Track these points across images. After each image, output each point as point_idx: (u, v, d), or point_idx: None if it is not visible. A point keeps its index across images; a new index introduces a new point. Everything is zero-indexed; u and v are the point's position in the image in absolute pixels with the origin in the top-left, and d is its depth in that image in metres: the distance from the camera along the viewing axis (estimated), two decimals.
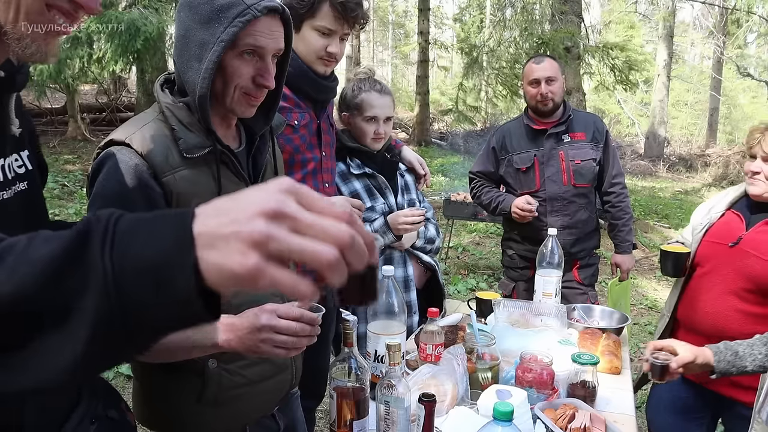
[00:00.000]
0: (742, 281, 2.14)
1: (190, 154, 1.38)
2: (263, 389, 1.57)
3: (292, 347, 1.30)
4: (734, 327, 2.15)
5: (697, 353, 1.79)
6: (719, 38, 19.58)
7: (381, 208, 2.44)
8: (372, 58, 34.15)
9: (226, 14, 1.32)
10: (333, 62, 2.16)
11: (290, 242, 0.56)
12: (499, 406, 1.12)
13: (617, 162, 3.23)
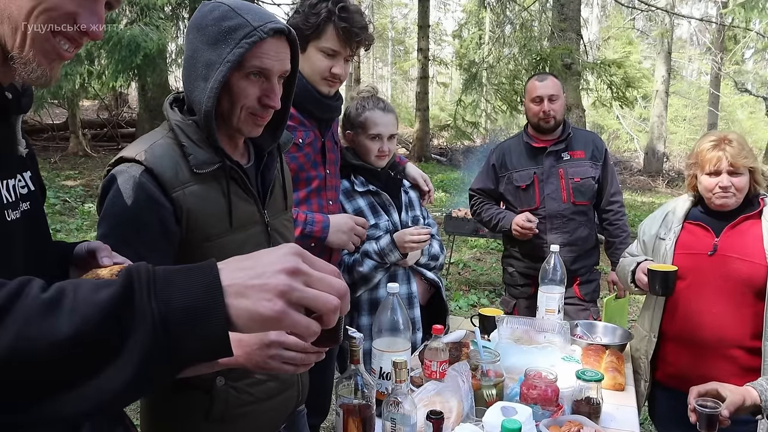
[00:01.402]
0: (732, 285, 2.21)
1: (199, 170, 1.40)
2: (270, 407, 1.58)
3: (300, 363, 1.30)
4: (734, 330, 2.22)
5: (744, 394, 1.76)
6: (717, 54, 19.71)
7: (385, 225, 2.46)
8: (372, 75, 34.35)
9: (233, 36, 1.35)
10: (337, 83, 2.20)
11: (307, 293, 0.71)
12: (507, 423, 1.13)
13: (615, 180, 3.26)
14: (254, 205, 1.53)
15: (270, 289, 0.70)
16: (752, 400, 1.76)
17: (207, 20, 1.39)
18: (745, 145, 2.28)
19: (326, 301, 0.72)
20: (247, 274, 0.71)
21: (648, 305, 2.51)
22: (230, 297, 0.69)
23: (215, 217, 1.43)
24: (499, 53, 9.31)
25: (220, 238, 1.43)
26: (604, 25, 25.64)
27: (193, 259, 1.36)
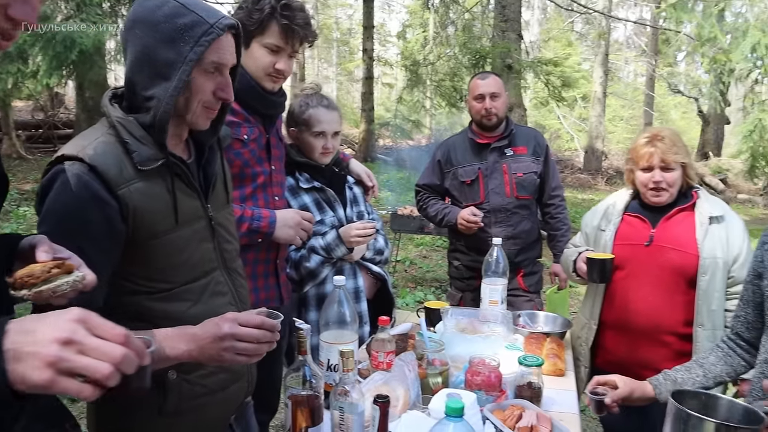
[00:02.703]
0: (667, 274, 2.31)
1: (144, 166, 1.38)
2: (222, 398, 1.58)
3: (253, 354, 1.34)
4: (668, 317, 2.32)
5: (634, 387, 1.85)
6: (651, 56, 20.44)
7: (331, 221, 2.48)
8: (317, 75, 34.19)
9: (190, 33, 1.36)
10: (281, 79, 2.20)
11: (76, 362, 0.76)
12: (450, 403, 1.17)
13: (556, 175, 3.37)
14: (198, 200, 1.52)
15: (41, 358, 0.75)
16: (643, 393, 1.84)
17: (157, 17, 1.38)
18: (677, 142, 2.37)
19: (96, 369, 0.77)
20: (26, 340, 0.76)
21: (589, 294, 2.60)
22: (9, 361, 0.75)
23: (161, 213, 1.42)
24: (439, 52, 9.44)
25: (166, 234, 1.43)
26: (545, 27, 26.25)
27: (140, 257, 1.39)
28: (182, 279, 1.46)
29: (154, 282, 1.42)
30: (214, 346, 1.31)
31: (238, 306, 1.59)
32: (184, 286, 1.46)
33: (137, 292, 1.41)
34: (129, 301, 1.40)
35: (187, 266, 1.47)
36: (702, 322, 2.26)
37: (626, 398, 1.84)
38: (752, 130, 7.35)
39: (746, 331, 1.81)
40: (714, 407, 1.32)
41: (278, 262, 2.31)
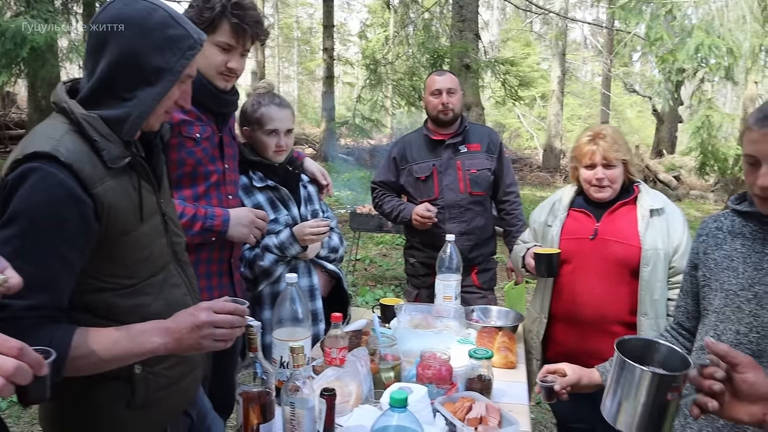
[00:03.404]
0: (611, 266, 2.38)
1: (114, 164, 1.39)
2: (183, 387, 1.63)
3: (229, 338, 1.43)
4: (614, 308, 2.38)
5: (581, 374, 1.90)
6: (607, 57, 20.86)
7: (285, 219, 2.48)
8: (277, 74, 33.98)
9: (178, 45, 1.43)
10: (233, 77, 2.20)
11: None
12: (394, 395, 1.20)
13: (511, 172, 3.42)
14: (154, 195, 1.56)
15: None
16: (590, 380, 1.90)
17: (151, 23, 1.41)
18: (618, 139, 2.45)
19: None
20: None
21: (538, 289, 2.66)
22: None
23: (129, 210, 1.44)
24: (397, 51, 9.48)
25: (134, 231, 1.45)
26: (504, 28, 26.56)
27: (108, 254, 1.41)
28: (145, 273, 1.50)
29: (120, 278, 1.45)
30: (192, 336, 1.38)
31: (192, 297, 1.64)
32: (146, 281, 1.50)
33: (103, 289, 1.42)
34: (94, 299, 1.42)
35: (149, 261, 1.51)
36: (645, 311, 2.33)
37: (575, 385, 1.89)
38: (700, 126, 7.56)
39: (687, 320, 1.87)
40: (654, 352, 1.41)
41: (232, 261, 2.30)
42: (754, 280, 1.59)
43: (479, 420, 1.73)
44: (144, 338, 1.37)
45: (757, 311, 1.57)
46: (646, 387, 1.28)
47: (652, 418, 1.29)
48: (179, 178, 2.13)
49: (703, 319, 1.74)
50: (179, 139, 2.08)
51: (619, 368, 1.34)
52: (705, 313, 1.72)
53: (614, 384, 1.36)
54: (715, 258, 1.71)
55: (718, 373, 1.20)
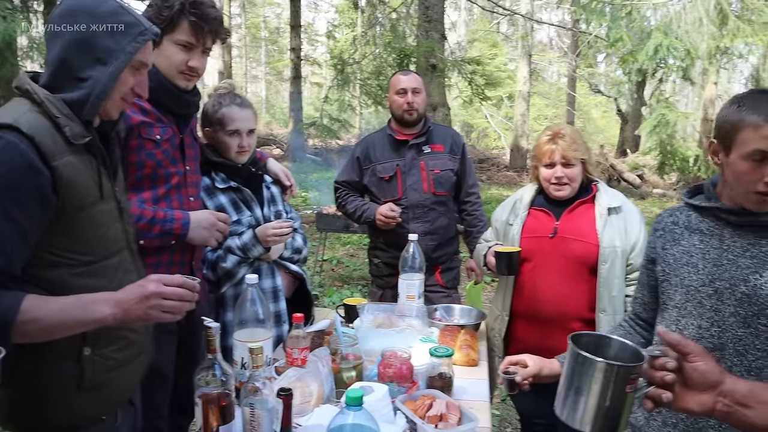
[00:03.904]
0: (570, 264, 2.43)
1: (76, 141, 1.47)
2: (130, 371, 1.67)
3: (178, 311, 1.49)
4: (573, 305, 2.43)
5: (542, 365, 1.93)
6: (572, 58, 21.14)
7: (248, 220, 2.47)
8: (245, 74, 33.72)
9: (130, 31, 1.54)
10: (195, 77, 2.18)
11: None
12: (349, 393, 1.21)
13: (473, 173, 3.46)
14: (110, 181, 1.62)
15: None
16: (551, 370, 1.92)
17: (101, 11, 1.53)
18: (577, 139, 2.50)
19: None
20: None
21: (500, 287, 2.69)
22: None
23: (87, 187, 1.51)
24: (364, 51, 9.49)
25: (91, 207, 1.52)
26: (471, 28, 26.76)
27: (64, 229, 1.46)
28: (100, 253, 1.55)
29: (76, 254, 1.50)
30: (140, 306, 1.44)
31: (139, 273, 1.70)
32: (102, 262, 1.55)
33: (58, 264, 1.48)
34: (49, 275, 1.47)
35: (104, 241, 1.57)
36: (604, 307, 2.38)
37: (536, 375, 1.91)
38: (656, 125, 7.72)
39: (643, 311, 1.92)
40: (607, 347, 1.38)
41: (193, 263, 2.29)
42: (714, 276, 1.64)
43: (439, 417, 1.75)
44: (93, 307, 1.42)
45: (717, 306, 1.62)
46: (604, 380, 1.23)
47: (611, 412, 1.25)
48: (139, 180, 2.10)
49: (662, 313, 1.78)
50: (139, 140, 2.06)
51: (575, 362, 1.29)
52: (664, 308, 1.77)
53: (569, 380, 1.31)
54: (673, 254, 1.75)
55: (670, 363, 1.19)
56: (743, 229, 1.64)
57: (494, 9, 12.52)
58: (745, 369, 1.59)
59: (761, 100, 1.58)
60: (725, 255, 1.64)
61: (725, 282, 1.61)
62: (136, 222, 1.91)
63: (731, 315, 1.60)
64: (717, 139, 1.66)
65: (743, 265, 1.60)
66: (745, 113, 1.57)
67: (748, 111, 1.57)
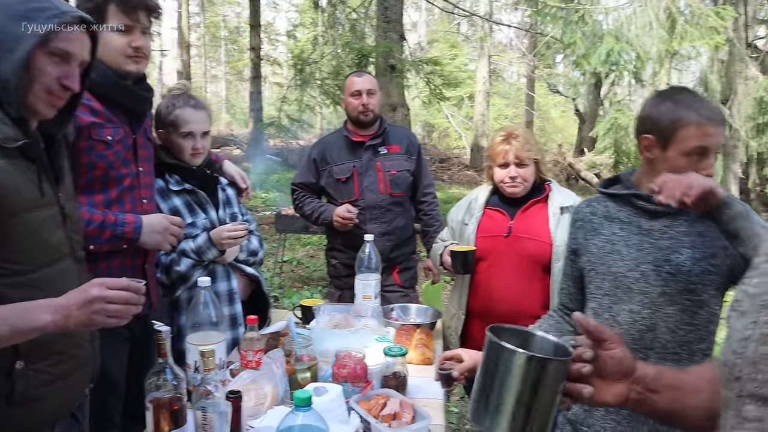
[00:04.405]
0: (524, 262, 2.48)
1: (6, 144, 1.41)
2: (67, 386, 1.60)
3: (123, 315, 1.41)
4: (528, 303, 2.48)
5: (478, 359, 1.95)
6: (531, 59, 21.43)
7: (203, 223, 2.46)
8: (204, 74, 33.30)
9: (40, 14, 1.43)
10: (142, 57, 2.12)
11: None
12: (297, 394, 1.22)
13: (428, 173, 3.49)
14: (52, 186, 1.56)
15: None
16: None
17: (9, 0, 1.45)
18: (530, 139, 2.56)
19: None
20: None
21: (456, 286, 2.73)
22: None
23: (21, 193, 1.44)
24: (322, 51, 9.47)
25: (27, 213, 1.45)
26: (432, 29, 26.90)
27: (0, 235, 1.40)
28: (38, 262, 1.49)
29: (11, 263, 1.44)
30: (84, 311, 1.36)
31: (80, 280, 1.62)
32: (41, 272, 1.48)
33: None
34: None
35: (44, 248, 1.51)
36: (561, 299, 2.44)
37: (471, 369, 1.92)
38: (609, 128, 7.96)
39: (570, 302, 2.01)
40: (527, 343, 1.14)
41: (147, 267, 2.25)
42: (639, 260, 1.75)
43: (393, 416, 1.77)
44: (33, 315, 1.35)
45: (645, 288, 1.73)
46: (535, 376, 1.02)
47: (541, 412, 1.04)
48: (90, 182, 2.07)
49: (591, 302, 1.87)
50: (89, 142, 2.02)
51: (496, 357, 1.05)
52: (593, 297, 1.86)
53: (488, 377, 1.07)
54: (596, 243, 1.85)
55: (587, 353, 1.07)
56: (658, 214, 1.76)
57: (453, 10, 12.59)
58: (678, 344, 1.72)
59: (693, 100, 1.72)
60: (646, 239, 1.75)
61: (650, 264, 1.73)
62: (85, 226, 1.87)
63: (660, 295, 1.71)
64: (652, 135, 1.75)
65: (663, 247, 1.73)
66: (684, 111, 1.67)
67: (687, 109, 1.67)
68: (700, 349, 1.73)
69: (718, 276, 1.72)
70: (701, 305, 1.72)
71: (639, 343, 1.75)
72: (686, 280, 1.70)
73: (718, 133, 1.68)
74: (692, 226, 1.75)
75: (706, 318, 1.73)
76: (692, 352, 1.73)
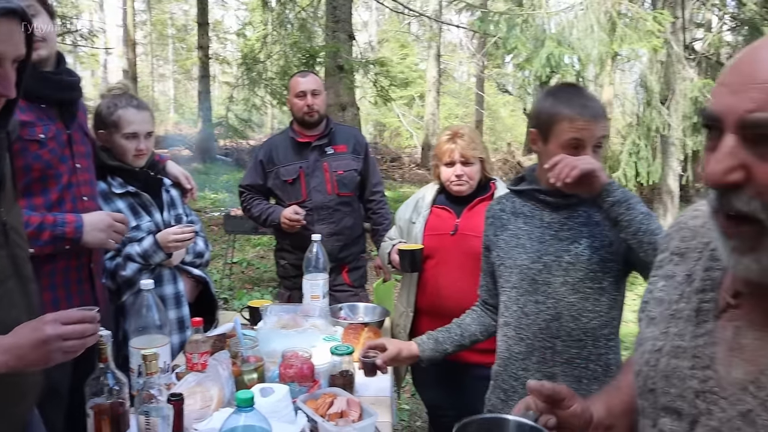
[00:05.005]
0: (471, 260, 2.49)
1: None
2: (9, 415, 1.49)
3: (80, 348, 1.35)
4: (473, 300, 2.47)
5: (401, 347, 2.02)
6: (480, 59, 21.70)
7: (147, 226, 2.42)
8: (151, 73, 32.61)
9: None
10: (42, 42, 1.97)
11: None
12: (239, 395, 1.22)
13: (377, 172, 3.51)
14: None
15: None
16: (410, 352, 2.02)
17: None
18: (475, 138, 2.61)
19: None
20: None
21: (404, 284, 2.76)
22: None
23: None
24: (270, 50, 9.40)
25: None
26: (382, 28, 26.96)
27: None
28: None
29: None
30: (39, 351, 1.28)
31: (30, 315, 1.48)
32: None
33: None
34: None
35: None
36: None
37: (395, 358, 1.99)
38: None
39: (489, 297, 2.08)
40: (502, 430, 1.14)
41: (92, 266, 2.20)
42: (541, 252, 1.82)
43: (340, 414, 1.78)
44: None
45: (548, 279, 1.81)
46: None
47: None
48: (28, 185, 2.00)
49: (503, 295, 1.94)
50: (21, 143, 1.94)
51: None
52: (503, 290, 1.94)
53: None
54: (504, 238, 1.93)
55: (551, 421, 1.12)
56: (558, 208, 1.85)
57: (402, 10, 12.66)
58: (582, 331, 1.80)
59: (573, 95, 1.80)
60: (547, 232, 1.84)
61: (551, 256, 1.81)
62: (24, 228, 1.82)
63: (561, 285, 1.79)
64: (536, 129, 1.84)
65: (563, 238, 1.81)
66: (560, 107, 1.78)
67: (563, 105, 1.78)
68: (603, 335, 1.82)
69: (616, 263, 1.80)
70: (602, 292, 1.80)
71: (546, 332, 1.82)
72: (586, 269, 1.78)
73: (593, 126, 1.74)
74: (590, 217, 1.82)
75: (607, 304, 1.81)
76: (596, 338, 1.81)
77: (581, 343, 1.81)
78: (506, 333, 1.93)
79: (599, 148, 1.79)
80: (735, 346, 0.81)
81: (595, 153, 1.76)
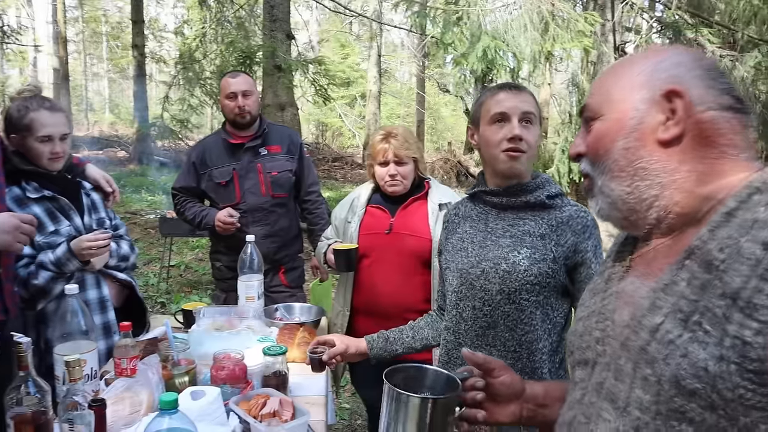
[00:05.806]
0: (405, 258, 2.55)
1: None
2: None
3: None
4: (409, 297, 2.55)
5: (349, 344, 2.02)
6: (420, 59, 21.89)
7: (67, 230, 2.33)
8: (84, 72, 31.59)
9: None
10: None
11: None
12: (162, 398, 1.21)
13: (312, 172, 3.49)
14: None
15: None
16: (358, 349, 2.03)
17: None
18: (409, 138, 2.63)
19: None
20: None
21: (341, 283, 2.77)
22: None
23: None
24: (206, 49, 9.25)
25: None
26: (323, 28, 26.88)
27: None
28: None
29: None
30: None
31: None
32: None
33: None
34: None
35: None
36: (437, 299, 2.53)
37: (343, 354, 2.00)
38: None
39: (443, 302, 2.07)
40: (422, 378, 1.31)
41: (0, 271, 2.12)
42: (481, 257, 1.81)
43: (273, 414, 1.78)
44: None
45: (485, 286, 1.79)
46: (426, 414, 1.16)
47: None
48: None
49: (447, 298, 1.94)
50: None
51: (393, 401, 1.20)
52: (447, 294, 1.94)
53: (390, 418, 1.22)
54: (452, 242, 1.94)
55: (479, 382, 1.21)
56: (505, 211, 1.84)
57: (342, 11, 12.68)
58: (517, 343, 1.78)
59: (501, 85, 1.86)
60: (489, 237, 1.83)
61: (489, 262, 1.79)
62: None
63: (498, 293, 1.77)
64: (472, 123, 1.89)
65: (504, 245, 1.79)
66: (485, 94, 1.84)
67: (487, 91, 1.84)
68: (538, 349, 1.77)
69: (556, 279, 1.76)
70: (538, 306, 1.76)
71: (482, 339, 1.81)
72: (522, 280, 1.74)
73: (514, 98, 1.77)
74: (538, 227, 1.79)
75: (541, 318, 1.77)
76: (532, 351, 1.77)
77: (516, 355, 1.78)
78: (446, 337, 1.93)
79: (529, 123, 1.78)
80: (624, 297, 0.97)
81: (526, 128, 1.76)
